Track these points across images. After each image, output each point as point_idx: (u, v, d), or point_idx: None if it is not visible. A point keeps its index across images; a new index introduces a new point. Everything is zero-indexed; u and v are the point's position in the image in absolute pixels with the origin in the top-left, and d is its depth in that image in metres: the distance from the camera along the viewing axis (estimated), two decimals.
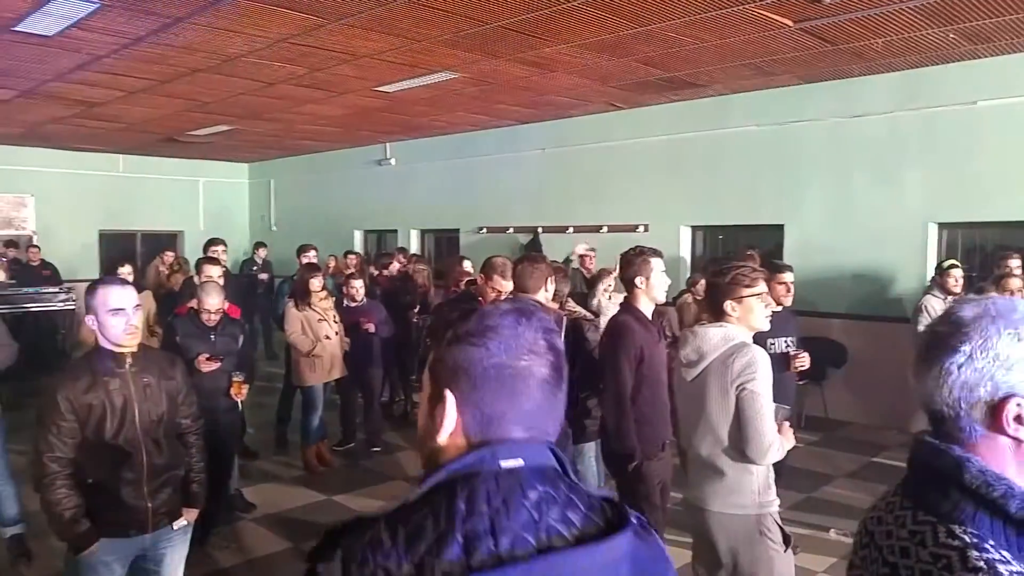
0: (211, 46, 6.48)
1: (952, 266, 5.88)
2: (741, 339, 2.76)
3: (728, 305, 2.77)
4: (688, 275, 7.73)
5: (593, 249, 8.26)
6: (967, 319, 1.06)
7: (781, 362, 4.00)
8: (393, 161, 12.46)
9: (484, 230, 10.95)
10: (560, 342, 1.06)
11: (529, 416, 0.98)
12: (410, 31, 6.12)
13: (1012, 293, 4.78)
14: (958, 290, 5.68)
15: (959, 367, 1.04)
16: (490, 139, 10.86)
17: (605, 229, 9.39)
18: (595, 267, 7.46)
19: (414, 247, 12.04)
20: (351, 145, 12.72)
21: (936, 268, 6.29)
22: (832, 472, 5.94)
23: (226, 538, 4.57)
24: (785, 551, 2.65)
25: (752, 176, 8.21)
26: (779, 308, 4.11)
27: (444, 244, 11.93)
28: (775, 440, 2.63)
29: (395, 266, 8.60)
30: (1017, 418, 1.02)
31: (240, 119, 10.10)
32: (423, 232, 12.41)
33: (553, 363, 1.00)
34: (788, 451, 2.79)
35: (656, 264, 3.32)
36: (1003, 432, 1.03)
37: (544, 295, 3.48)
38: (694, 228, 8.97)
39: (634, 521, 0.95)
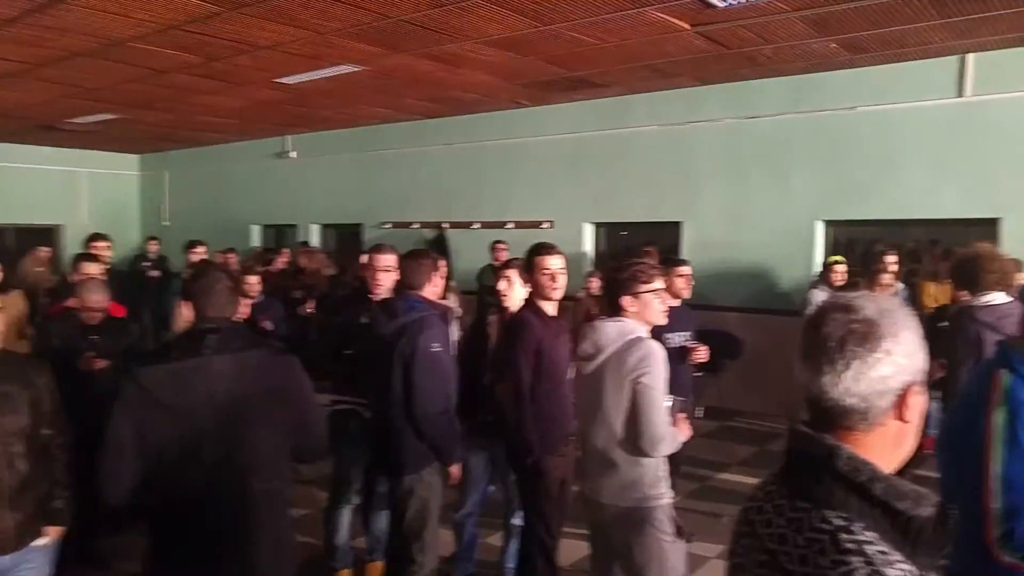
0: (92, 29, 6.09)
1: (836, 262, 6.24)
2: (638, 334, 2.81)
3: (626, 300, 2.83)
4: (592, 271, 7.87)
5: (501, 242, 8.33)
6: (876, 316, 1.11)
7: (679, 355, 4.13)
8: (294, 154, 12.10)
9: (388, 225, 10.81)
10: None
11: (218, 309, 2.30)
12: (311, 23, 5.95)
13: (884, 287, 5.10)
14: (842, 284, 6.02)
15: (879, 361, 1.08)
16: (395, 133, 10.73)
17: (511, 225, 9.44)
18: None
19: (315, 242, 11.75)
20: (250, 137, 12.27)
21: (823, 264, 6.66)
22: (727, 460, 6.19)
23: (114, 551, 4.32)
24: (677, 541, 2.73)
25: (652, 175, 8.44)
26: (677, 303, 4.24)
27: (346, 240, 11.69)
28: (668, 433, 2.71)
29: (281, 261, 8.33)
30: (911, 404, 1.10)
31: (128, 108, 9.56)
32: (324, 227, 12.12)
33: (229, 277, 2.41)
34: (684, 442, 2.88)
35: (543, 262, 3.35)
36: (901, 418, 1.10)
37: (431, 290, 3.46)
38: (597, 225, 9.15)
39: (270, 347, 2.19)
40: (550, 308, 3.40)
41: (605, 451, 2.77)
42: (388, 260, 3.73)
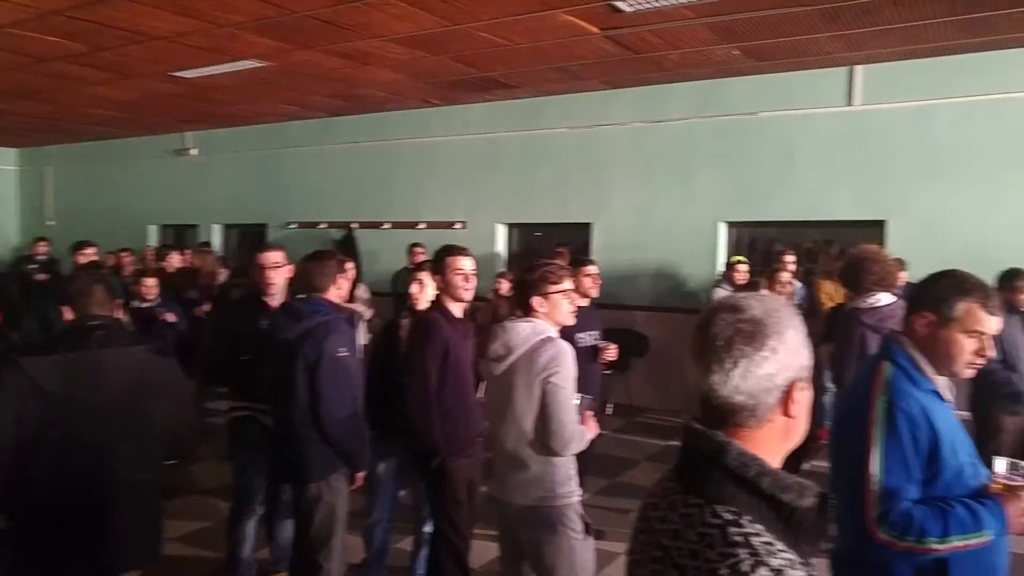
0: None
1: (738, 261, 6.46)
2: (548, 334, 2.82)
3: (536, 301, 2.83)
4: (503, 272, 7.88)
5: (419, 245, 8.21)
6: (762, 316, 1.14)
7: (589, 354, 4.17)
8: (195, 151, 11.60)
9: (295, 225, 10.50)
10: None
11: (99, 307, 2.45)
12: (210, 14, 5.70)
13: (783, 285, 5.32)
14: (744, 283, 6.23)
15: (765, 359, 1.12)
16: (302, 131, 10.43)
17: (423, 225, 9.34)
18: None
19: (216, 243, 11.29)
20: (145, 133, 11.68)
21: (726, 263, 6.89)
22: (635, 456, 6.30)
23: None
24: (586, 538, 2.74)
25: (563, 176, 8.53)
26: (585, 302, 4.28)
27: (250, 240, 11.29)
28: (577, 431, 2.72)
29: (175, 260, 7.96)
30: (796, 400, 1.15)
31: (3, 98, 8.92)
32: (227, 227, 11.66)
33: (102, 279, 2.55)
34: (593, 439, 2.89)
35: (455, 263, 3.32)
36: (786, 413, 1.15)
37: (336, 293, 3.36)
38: (509, 225, 9.17)
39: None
40: (457, 310, 3.38)
41: (515, 451, 2.75)
42: (274, 257, 3.62)
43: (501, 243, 9.12)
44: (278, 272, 3.59)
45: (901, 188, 6.87)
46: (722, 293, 6.13)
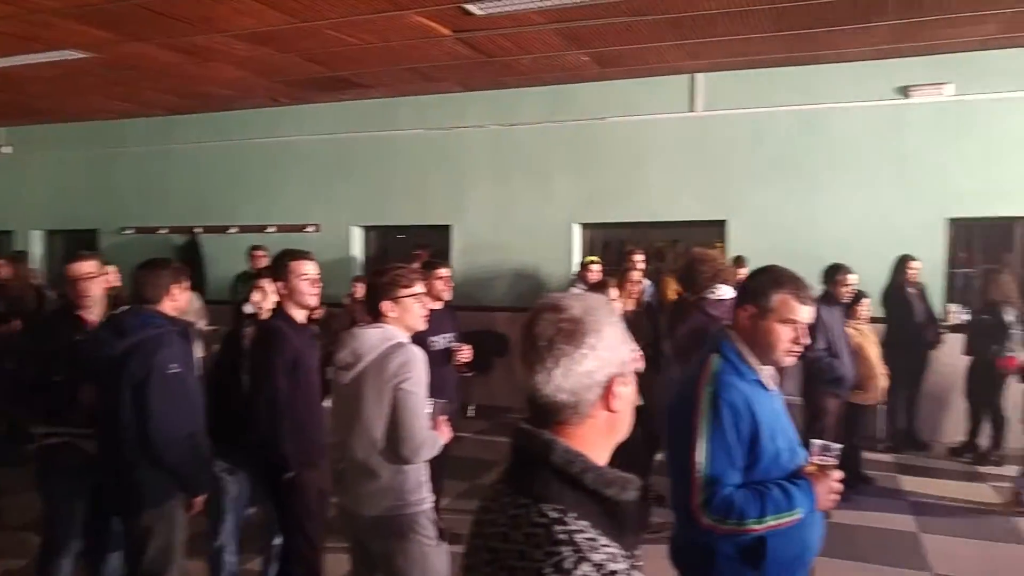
0: None
1: (591, 261, 6.64)
2: (398, 339, 2.75)
3: (386, 306, 2.75)
4: (359, 276, 7.68)
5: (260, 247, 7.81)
6: (581, 315, 1.16)
7: (443, 357, 4.12)
8: (8, 148, 10.50)
9: (130, 231, 9.75)
10: None
11: None
12: None
13: (633, 284, 5.51)
14: (597, 282, 6.39)
15: (585, 357, 1.13)
16: (138, 129, 9.72)
17: (273, 229, 8.95)
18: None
19: (36, 251, 10.27)
20: None
21: (580, 263, 7.06)
22: (497, 458, 6.31)
23: None
24: (439, 544, 2.70)
25: (421, 178, 8.44)
26: (439, 305, 4.22)
27: (78, 248, 10.31)
28: (428, 438, 2.67)
29: None
30: (617, 394, 1.17)
31: None
32: (49, 233, 10.65)
33: None
34: (448, 443, 2.85)
35: (300, 267, 3.18)
36: (608, 408, 1.16)
37: (171, 304, 3.12)
38: (367, 228, 8.96)
39: None
40: (301, 316, 3.23)
41: (366, 461, 2.68)
42: (86, 267, 3.33)
43: (357, 246, 8.90)
44: (93, 283, 3.29)
45: (739, 190, 7.33)
46: (577, 292, 6.26)
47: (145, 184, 9.75)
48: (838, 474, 2.07)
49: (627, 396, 1.19)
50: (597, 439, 1.18)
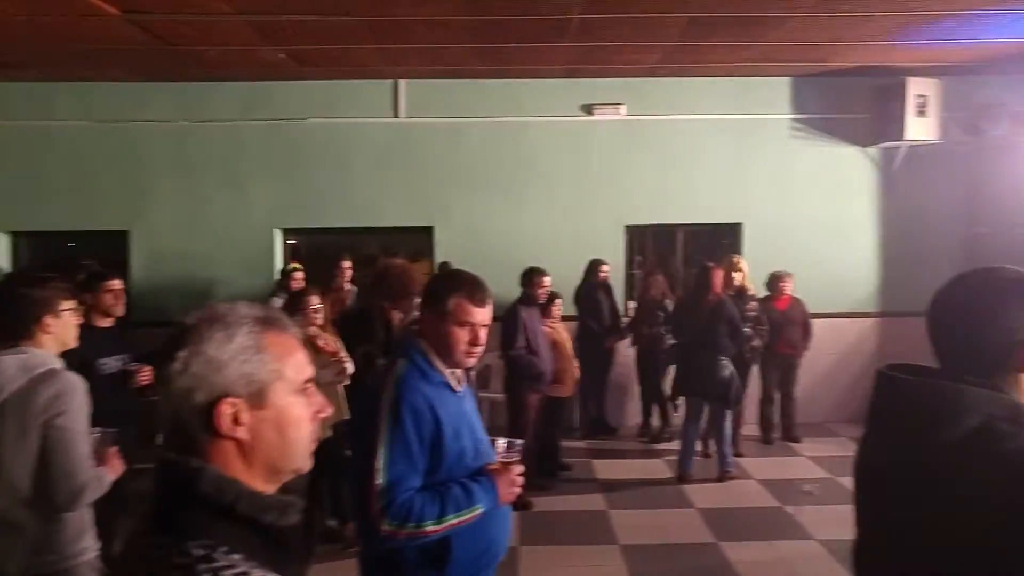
0: None
1: (294, 269, 6.32)
2: (49, 366, 2.30)
3: (47, 323, 2.33)
4: None
5: None
6: (188, 325, 1.06)
7: (117, 381, 3.59)
8: None
9: None
10: None
11: None
12: None
13: (338, 291, 5.34)
14: (299, 290, 6.07)
15: (178, 373, 1.02)
16: None
17: None
18: None
19: None
20: None
21: (281, 271, 6.67)
22: None
23: None
24: None
25: (88, 177, 7.34)
26: (110, 322, 3.67)
27: None
28: (91, 478, 2.29)
29: None
30: (234, 418, 1.03)
31: None
32: None
33: None
34: (124, 478, 2.48)
35: None
36: (223, 435, 1.04)
37: None
38: (14, 234, 7.59)
39: None
40: None
41: (7, 514, 2.22)
42: None
43: (3, 257, 7.51)
44: None
45: (445, 197, 7.49)
46: (279, 302, 5.90)
47: None
48: (519, 468, 2.14)
49: (256, 420, 1.05)
50: (247, 467, 1.06)
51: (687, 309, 6.03)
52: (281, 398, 1.07)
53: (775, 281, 6.78)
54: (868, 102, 7.30)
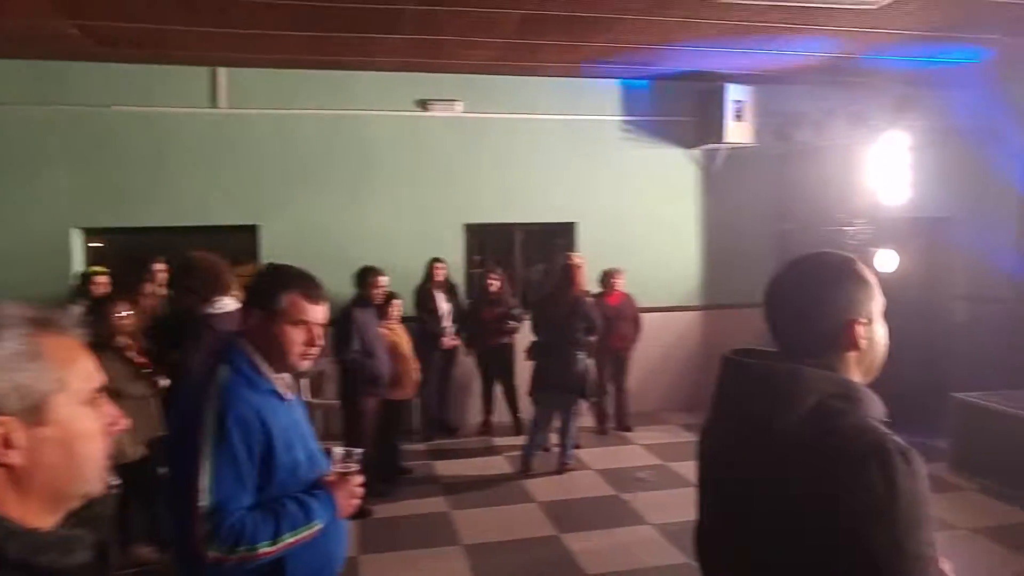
0: None
1: (95, 272, 5.68)
2: None
3: None
4: None
5: None
6: None
7: None
8: None
9: None
10: None
11: None
12: None
13: (146, 296, 4.88)
14: (103, 295, 5.47)
15: None
16: None
17: None
18: None
19: None
20: None
21: (81, 275, 5.97)
22: None
23: None
24: None
25: None
26: None
27: None
28: None
29: None
30: (4, 441, 0.88)
31: None
32: None
33: None
34: None
35: None
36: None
37: None
38: None
39: None
40: None
41: None
42: None
43: None
44: None
45: (272, 193, 7.05)
46: (78, 309, 5.27)
47: None
48: (359, 479, 2.00)
49: (34, 440, 0.90)
50: (20, 497, 0.90)
51: (548, 304, 6.01)
52: (65, 412, 0.92)
53: (607, 278, 6.99)
54: (692, 106, 7.72)
